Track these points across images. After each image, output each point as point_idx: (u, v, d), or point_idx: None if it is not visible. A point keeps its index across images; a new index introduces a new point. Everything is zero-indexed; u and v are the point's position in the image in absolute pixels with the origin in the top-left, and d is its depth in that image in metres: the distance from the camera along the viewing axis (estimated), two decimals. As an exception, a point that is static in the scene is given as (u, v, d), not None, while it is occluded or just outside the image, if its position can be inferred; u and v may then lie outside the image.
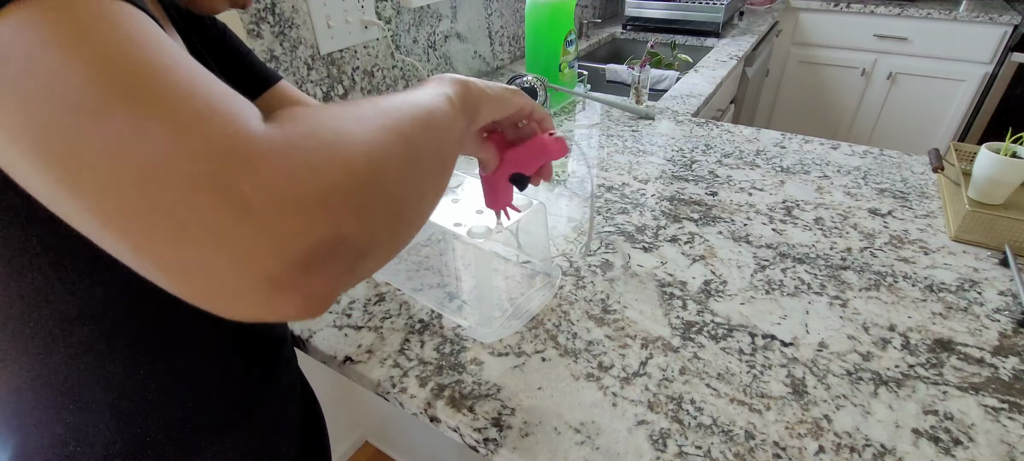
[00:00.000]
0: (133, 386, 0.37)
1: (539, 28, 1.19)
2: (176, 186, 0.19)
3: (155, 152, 0.19)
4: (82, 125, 0.19)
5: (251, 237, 0.20)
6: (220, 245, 0.20)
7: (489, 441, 0.48)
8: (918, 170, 0.90)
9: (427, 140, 0.30)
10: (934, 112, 2.31)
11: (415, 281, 0.67)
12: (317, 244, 0.21)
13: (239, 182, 0.20)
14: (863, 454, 0.45)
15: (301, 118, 0.23)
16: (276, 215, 0.20)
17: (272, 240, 0.20)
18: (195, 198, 0.19)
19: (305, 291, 0.22)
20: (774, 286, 0.64)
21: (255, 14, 0.86)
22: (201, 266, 0.20)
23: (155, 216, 0.19)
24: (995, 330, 0.57)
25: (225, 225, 0.19)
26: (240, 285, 0.20)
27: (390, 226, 0.26)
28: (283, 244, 0.20)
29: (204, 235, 0.19)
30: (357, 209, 0.23)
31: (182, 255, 0.20)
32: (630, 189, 0.87)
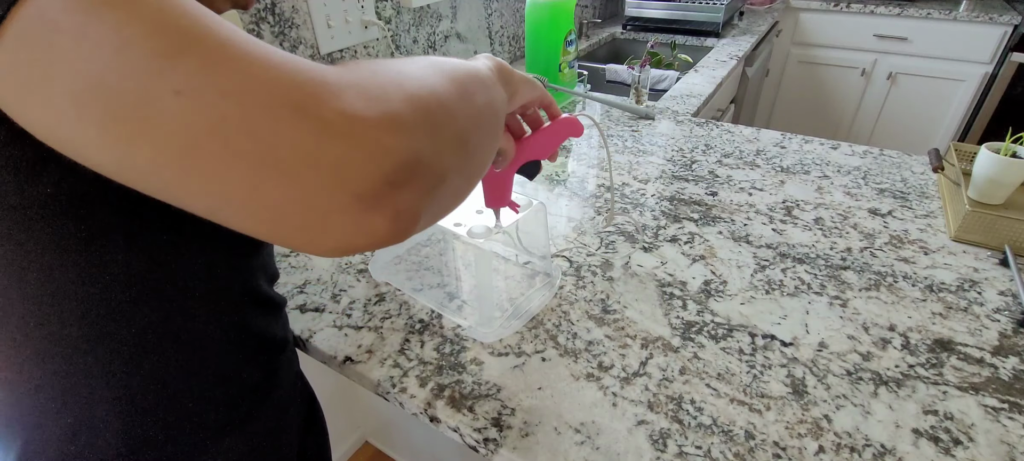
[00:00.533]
0: (136, 386, 0.37)
1: (539, 28, 1.19)
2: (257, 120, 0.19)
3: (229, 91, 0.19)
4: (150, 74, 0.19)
5: (340, 157, 0.20)
6: (310, 168, 0.20)
7: (489, 441, 0.48)
8: (918, 170, 0.90)
9: (478, 89, 0.31)
10: (934, 112, 2.31)
11: (415, 281, 0.67)
12: (400, 161, 0.22)
13: (321, 108, 0.20)
14: (863, 454, 0.45)
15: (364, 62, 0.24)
16: (361, 134, 0.20)
17: (360, 157, 0.20)
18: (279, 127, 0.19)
19: (394, 208, 0.22)
20: (774, 286, 0.64)
21: (255, 14, 0.86)
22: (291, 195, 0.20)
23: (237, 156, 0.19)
24: (995, 330, 0.57)
25: (314, 148, 0.20)
26: (332, 208, 0.21)
27: (458, 156, 0.27)
28: (371, 160, 0.21)
29: (293, 161, 0.20)
30: (428, 133, 0.24)
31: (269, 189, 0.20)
32: (630, 189, 0.87)
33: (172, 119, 0.19)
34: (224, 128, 0.19)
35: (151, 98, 0.19)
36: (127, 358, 0.35)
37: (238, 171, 0.20)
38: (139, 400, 0.37)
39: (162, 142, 0.20)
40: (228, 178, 0.20)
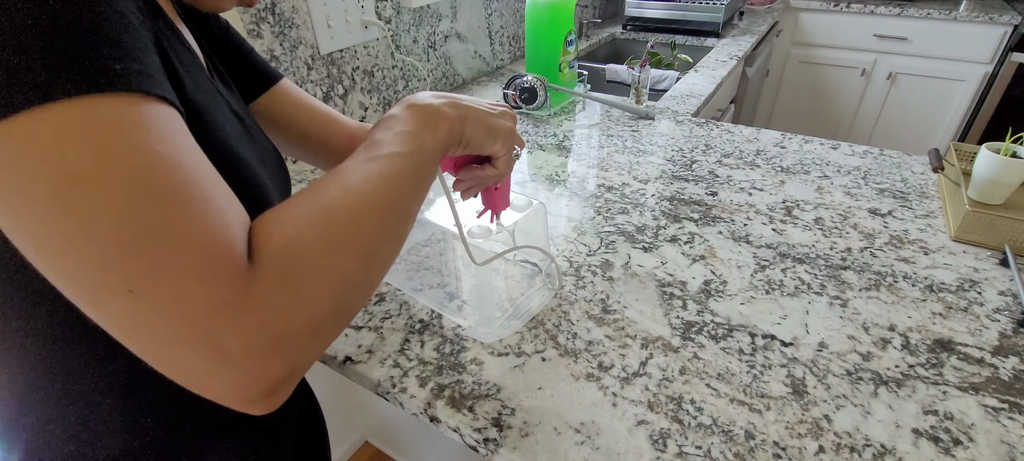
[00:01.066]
0: (137, 383, 0.37)
1: (539, 28, 1.19)
2: (180, 332, 0.25)
3: (165, 303, 0.24)
4: (108, 268, 0.23)
5: (230, 378, 0.26)
6: (207, 377, 0.26)
7: (489, 441, 0.48)
8: (918, 170, 0.90)
9: (394, 236, 0.35)
10: (934, 112, 2.31)
11: (415, 281, 0.67)
12: (282, 378, 0.28)
13: (225, 338, 0.25)
14: (863, 454, 0.45)
15: (280, 254, 0.28)
16: (251, 364, 0.26)
17: (246, 381, 0.27)
18: (196, 344, 0.25)
19: (267, 403, 0.29)
20: (774, 286, 0.64)
21: (255, 14, 0.86)
22: (191, 380, 0.26)
23: (160, 346, 0.25)
24: (995, 330, 0.57)
25: (211, 368, 0.26)
26: (219, 396, 0.27)
27: (341, 330, 0.32)
28: (254, 383, 0.27)
29: (197, 373, 0.26)
30: (317, 339, 0.30)
31: (178, 371, 0.26)
32: (630, 189, 0.87)
33: (118, 307, 0.24)
34: (154, 329, 0.25)
35: (106, 285, 0.23)
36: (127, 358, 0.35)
37: (158, 354, 0.25)
38: (140, 397, 0.37)
39: (104, 312, 0.25)
40: (148, 352, 0.26)
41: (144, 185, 0.24)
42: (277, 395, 0.29)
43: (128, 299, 0.24)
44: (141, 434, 0.38)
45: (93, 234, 0.23)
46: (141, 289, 0.24)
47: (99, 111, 0.23)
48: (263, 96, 0.57)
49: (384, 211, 0.34)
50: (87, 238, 0.23)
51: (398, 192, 0.35)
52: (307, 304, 0.28)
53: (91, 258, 0.23)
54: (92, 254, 0.23)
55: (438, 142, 0.39)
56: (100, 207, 0.22)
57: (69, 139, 0.22)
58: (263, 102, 0.57)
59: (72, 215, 0.22)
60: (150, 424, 0.38)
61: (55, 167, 0.22)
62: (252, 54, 0.56)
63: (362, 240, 0.32)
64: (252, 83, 0.56)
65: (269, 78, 0.57)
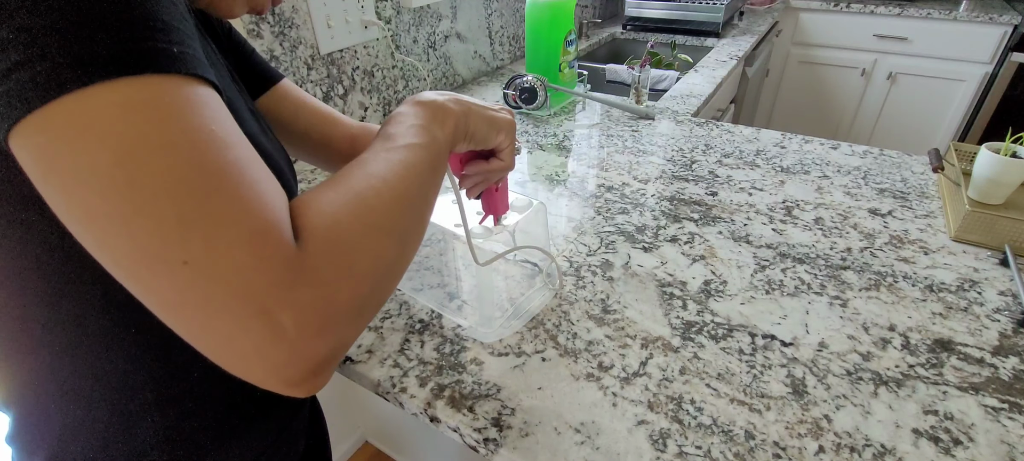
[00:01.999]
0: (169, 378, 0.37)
1: (539, 28, 1.19)
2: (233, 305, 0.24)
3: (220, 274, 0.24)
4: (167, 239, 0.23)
5: (280, 357, 0.26)
6: (256, 356, 0.26)
7: (489, 441, 0.48)
8: (918, 170, 0.90)
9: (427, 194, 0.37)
10: (934, 112, 2.31)
11: (415, 281, 0.67)
12: (327, 357, 0.28)
13: (280, 313, 0.25)
14: (863, 454, 0.45)
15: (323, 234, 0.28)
16: (302, 342, 0.26)
17: (296, 360, 0.26)
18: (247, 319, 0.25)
19: (312, 384, 0.29)
20: (774, 286, 0.64)
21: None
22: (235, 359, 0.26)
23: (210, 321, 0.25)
24: (995, 330, 0.57)
25: (262, 346, 0.25)
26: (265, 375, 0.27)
27: (375, 312, 0.33)
28: (303, 361, 0.27)
29: (245, 348, 0.25)
30: (360, 319, 0.30)
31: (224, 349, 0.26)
32: (630, 189, 0.87)
33: (171, 280, 0.24)
34: (209, 302, 0.24)
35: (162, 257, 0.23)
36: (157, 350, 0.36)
37: (207, 330, 0.25)
38: (170, 393, 0.37)
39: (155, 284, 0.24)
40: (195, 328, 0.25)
41: (202, 160, 0.24)
42: (322, 376, 0.29)
43: (183, 271, 0.23)
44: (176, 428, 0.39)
45: (154, 205, 0.23)
46: (197, 261, 0.23)
47: (161, 89, 0.24)
48: (264, 96, 0.57)
49: (409, 197, 0.34)
50: (147, 208, 0.23)
51: (418, 181, 0.36)
52: (352, 282, 0.29)
53: (150, 229, 0.23)
54: (151, 225, 0.23)
55: (447, 135, 0.40)
56: (162, 178, 0.23)
57: (134, 112, 0.23)
58: (264, 102, 0.58)
59: (134, 185, 0.23)
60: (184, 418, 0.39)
61: (120, 139, 0.22)
62: (253, 55, 0.57)
63: (394, 224, 0.33)
64: (254, 83, 0.56)
65: (270, 78, 0.58)
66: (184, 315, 0.25)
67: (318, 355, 0.27)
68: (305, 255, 0.27)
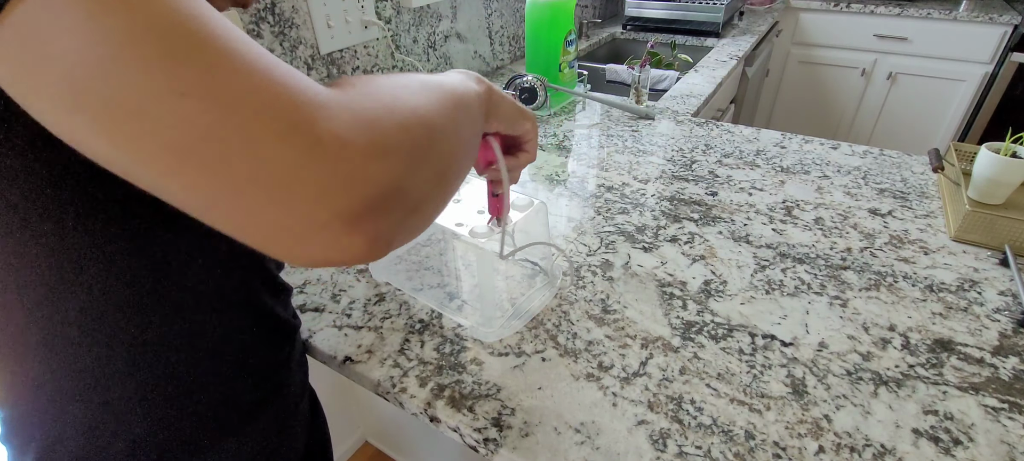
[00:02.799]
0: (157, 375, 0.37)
1: (539, 28, 1.19)
2: (254, 131, 0.20)
3: (232, 100, 0.20)
4: (157, 72, 0.19)
5: (327, 178, 0.21)
6: (298, 185, 0.21)
7: (489, 441, 0.48)
8: (918, 170, 0.90)
9: (465, 120, 0.33)
10: (934, 112, 2.31)
11: (415, 281, 0.67)
12: (382, 189, 0.23)
13: (315, 127, 0.21)
14: (863, 454, 0.45)
15: (358, 83, 0.25)
16: (349, 160, 0.22)
17: (347, 180, 0.22)
18: (274, 141, 0.20)
19: (372, 231, 0.23)
20: (774, 286, 0.64)
21: (255, 14, 0.86)
22: (277, 208, 0.21)
23: (230, 164, 0.20)
24: (995, 330, 0.57)
25: (304, 167, 0.20)
26: (314, 225, 0.22)
27: (436, 186, 0.28)
28: (356, 184, 0.22)
29: (283, 176, 0.20)
30: (412, 164, 0.25)
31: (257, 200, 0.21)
32: (630, 189, 0.87)
33: (173, 119, 0.20)
34: (222, 135, 0.20)
35: (155, 96, 0.19)
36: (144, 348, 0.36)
37: (229, 179, 0.20)
38: (161, 389, 0.37)
39: (159, 139, 0.20)
40: (218, 184, 0.20)
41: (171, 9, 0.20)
42: (382, 220, 0.24)
43: (180, 102, 0.19)
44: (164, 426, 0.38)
45: (137, 37, 0.19)
46: (196, 88, 0.19)
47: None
48: None
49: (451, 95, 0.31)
50: (129, 42, 0.19)
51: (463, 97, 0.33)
52: (396, 113, 0.25)
53: (136, 61, 0.19)
54: (138, 55, 0.19)
55: (482, 99, 0.38)
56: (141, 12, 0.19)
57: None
58: None
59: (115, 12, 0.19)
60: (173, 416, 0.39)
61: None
62: None
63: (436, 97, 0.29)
64: None
65: None
66: (193, 154, 0.20)
67: (372, 178, 0.23)
68: (338, 90, 0.23)
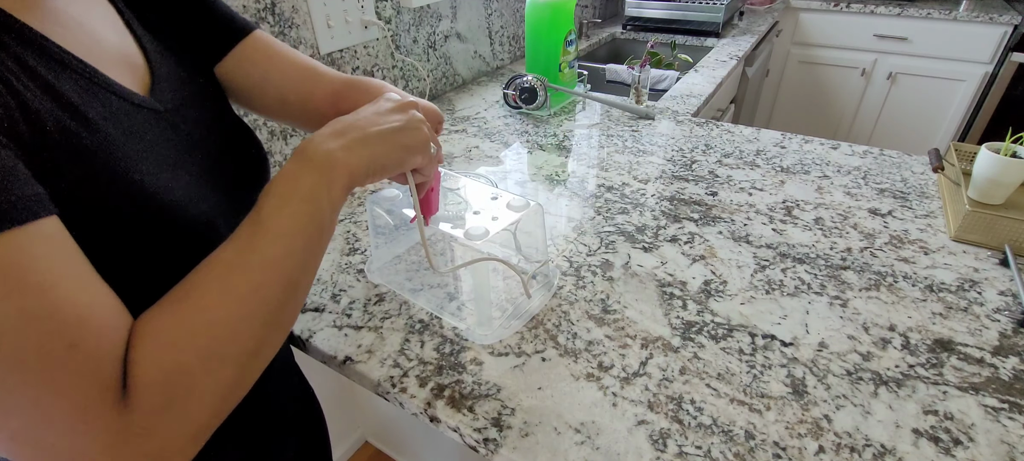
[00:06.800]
0: None
1: (539, 28, 1.19)
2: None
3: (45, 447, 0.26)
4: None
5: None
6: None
7: (489, 441, 0.48)
8: (918, 170, 0.90)
9: (282, 312, 0.35)
10: (934, 112, 2.31)
11: (414, 282, 0.67)
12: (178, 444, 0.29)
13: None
14: (863, 454, 0.45)
15: (156, 387, 0.28)
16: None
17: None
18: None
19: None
20: (774, 286, 0.64)
21: (255, 14, 0.86)
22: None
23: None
24: (995, 330, 0.57)
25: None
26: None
27: (228, 411, 0.33)
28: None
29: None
30: (200, 439, 0.31)
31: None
32: (630, 189, 0.87)
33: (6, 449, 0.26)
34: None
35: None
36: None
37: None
38: None
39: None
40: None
41: (13, 342, 0.25)
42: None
43: (11, 444, 0.25)
44: None
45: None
46: (22, 435, 0.25)
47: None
48: (230, 54, 0.49)
49: (270, 306, 0.33)
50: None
51: (287, 274, 0.34)
52: (186, 424, 0.29)
53: None
54: None
55: (336, 195, 0.37)
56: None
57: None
58: (231, 62, 0.49)
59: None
60: None
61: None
62: (215, 6, 0.49)
63: (245, 345, 0.32)
64: (215, 40, 0.49)
65: (235, 31, 0.49)
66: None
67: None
68: (135, 414, 0.27)
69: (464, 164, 0.98)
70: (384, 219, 0.68)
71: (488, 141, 1.07)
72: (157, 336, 0.29)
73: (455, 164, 0.98)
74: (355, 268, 0.70)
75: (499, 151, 1.03)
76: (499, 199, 0.60)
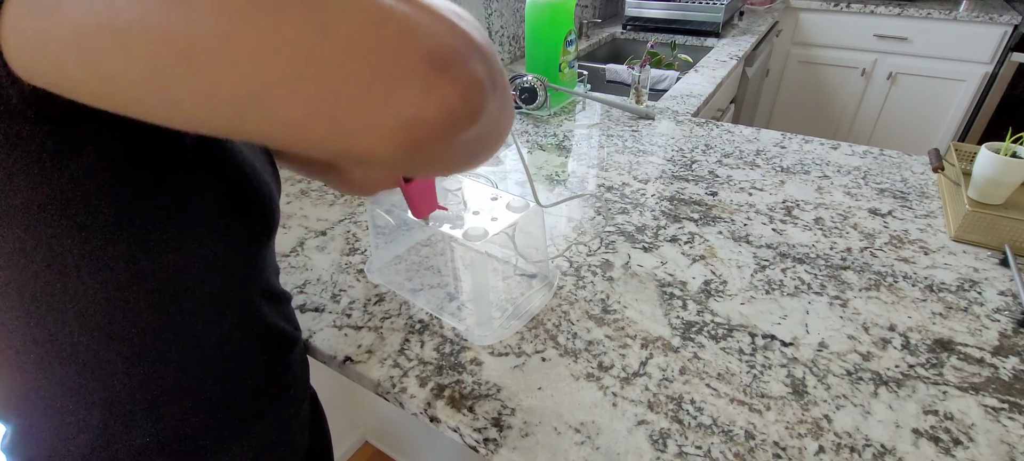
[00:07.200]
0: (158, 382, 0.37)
1: (539, 28, 1.19)
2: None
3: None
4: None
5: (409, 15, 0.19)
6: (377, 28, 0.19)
7: (489, 441, 0.48)
8: (918, 170, 0.90)
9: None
10: (934, 112, 2.31)
11: (414, 282, 0.67)
12: (465, 37, 0.21)
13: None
14: (863, 454, 0.45)
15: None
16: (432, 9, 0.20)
17: (430, 20, 0.20)
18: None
19: (467, 74, 0.21)
20: (774, 286, 0.64)
21: (255, 14, 0.86)
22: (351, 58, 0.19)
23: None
24: (995, 330, 0.57)
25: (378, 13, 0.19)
26: (399, 70, 0.19)
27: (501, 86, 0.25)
28: (441, 23, 0.20)
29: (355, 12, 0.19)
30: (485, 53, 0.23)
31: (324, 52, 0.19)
32: (630, 189, 0.87)
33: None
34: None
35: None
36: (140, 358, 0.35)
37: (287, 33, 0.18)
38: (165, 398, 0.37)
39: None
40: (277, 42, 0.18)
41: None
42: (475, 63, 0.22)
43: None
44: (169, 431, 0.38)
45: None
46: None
47: None
48: None
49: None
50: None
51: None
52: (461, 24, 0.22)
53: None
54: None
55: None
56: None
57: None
58: None
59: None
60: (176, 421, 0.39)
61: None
62: None
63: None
64: None
65: None
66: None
67: (457, 29, 0.21)
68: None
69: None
70: (384, 219, 0.68)
71: (488, 141, 1.07)
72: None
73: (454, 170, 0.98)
74: (355, 268, 0.70)
75: (499, 151, 1.03)
76: (499, 200, 0.60)
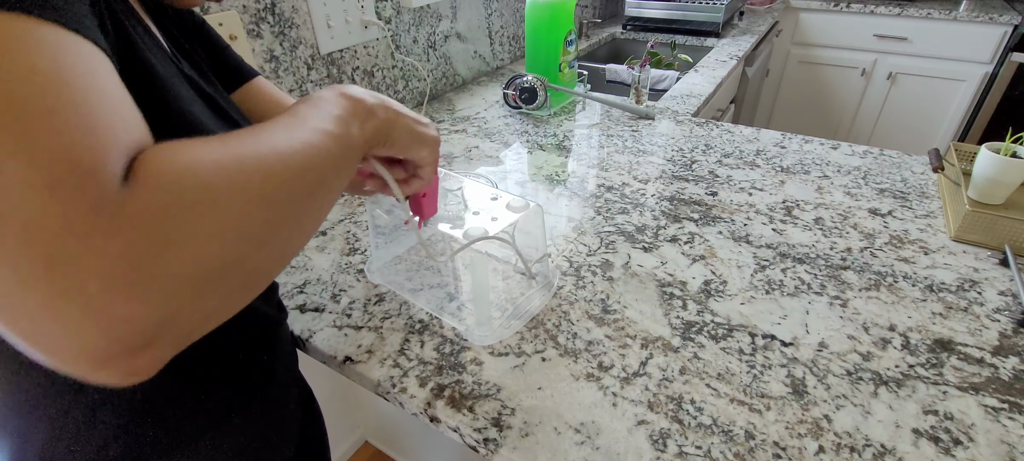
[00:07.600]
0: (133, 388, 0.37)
1: (539, 28, 1.19)
2: (14, 255, 0.19)
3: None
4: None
5: (79, 317, 0.20)
6: (48, 318, 0.20)
7: (489, 441, 0.48)
8: (918, 170, 0.90)
9: (307, 210, 0.31)
10: (934, 112, 2.31)
11: (414, 282, 0.67)
12: (151, 328, 0.22)
13: (75, 262, 0.20)
14: (863, 454, 0.45)
15: (166, 179, 0.23)
16: (109, 301, 0.20)
17: (103, 324, 0.20)
18: (29, 267, 0.19)
19: (131, 364, 0.22)
20: (774, 286, 0.64)
21: (255, 14, 0.86)
22: (28, 331, 0.20)
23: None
24: (995, 330, 0.57)
25: (52, 302, 0.20)
26: (65, 355, 0.21)
27: (236, 297, 0.27)
28: (113, 327, 0.21)
29: (35, 306, 0.20)
30: (204, 295, 0.24)
31: (12, 321, 0.20)
32: (630, 189, 0.87)
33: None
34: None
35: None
36: None
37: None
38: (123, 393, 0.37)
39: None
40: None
41: (11, 93, 0.20)
42: (146, 355, 0.22)
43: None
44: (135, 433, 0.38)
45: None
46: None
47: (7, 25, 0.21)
48: (235, 93, 0.55)
49: (298, 173, 0.29)
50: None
51: (317, 165, 0.31)
52: (191, 241, 0.23)
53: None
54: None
55: (366, 135, 0.37)
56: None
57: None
58: (235, 100, 0.55)
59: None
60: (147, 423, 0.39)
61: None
62: (226, 51, 0.55)
63: (269, 190, 0.27)
64: (225, 79, 0.54)
65: (243, 75, 0.55)
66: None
67: (133, 321, 0.21)
68: (129, 198, 0.21)
69: (464, 164, 0.98)
70: (384, 219, 0.68)
71: (488, 141, 1.07)
72: (181, 147, 0.24)
73: (455, 164, 0.98)
74: (355, 268, 0.70)
75: (499, 151, 1.03)
76: (499, 199, 0.60)
